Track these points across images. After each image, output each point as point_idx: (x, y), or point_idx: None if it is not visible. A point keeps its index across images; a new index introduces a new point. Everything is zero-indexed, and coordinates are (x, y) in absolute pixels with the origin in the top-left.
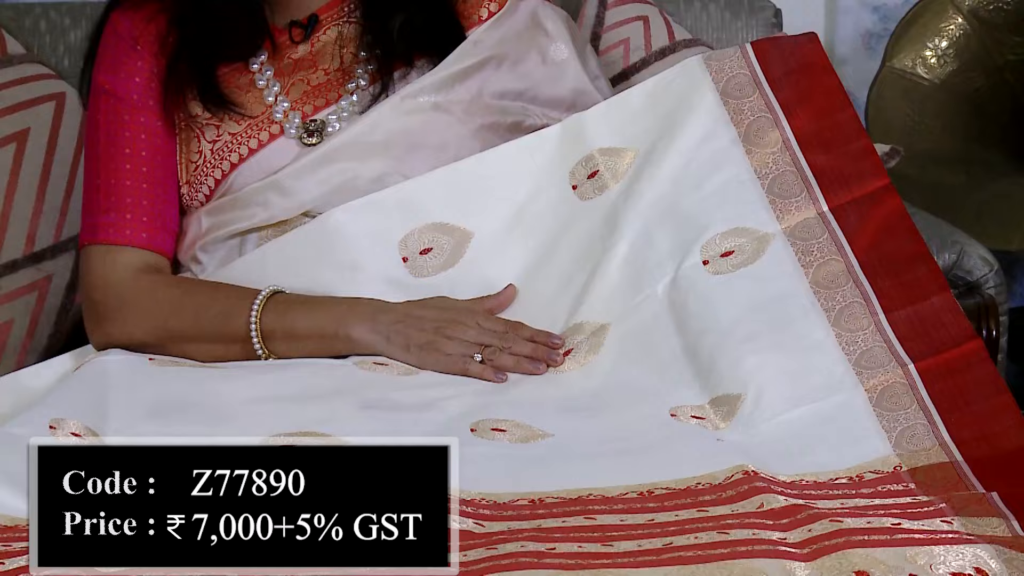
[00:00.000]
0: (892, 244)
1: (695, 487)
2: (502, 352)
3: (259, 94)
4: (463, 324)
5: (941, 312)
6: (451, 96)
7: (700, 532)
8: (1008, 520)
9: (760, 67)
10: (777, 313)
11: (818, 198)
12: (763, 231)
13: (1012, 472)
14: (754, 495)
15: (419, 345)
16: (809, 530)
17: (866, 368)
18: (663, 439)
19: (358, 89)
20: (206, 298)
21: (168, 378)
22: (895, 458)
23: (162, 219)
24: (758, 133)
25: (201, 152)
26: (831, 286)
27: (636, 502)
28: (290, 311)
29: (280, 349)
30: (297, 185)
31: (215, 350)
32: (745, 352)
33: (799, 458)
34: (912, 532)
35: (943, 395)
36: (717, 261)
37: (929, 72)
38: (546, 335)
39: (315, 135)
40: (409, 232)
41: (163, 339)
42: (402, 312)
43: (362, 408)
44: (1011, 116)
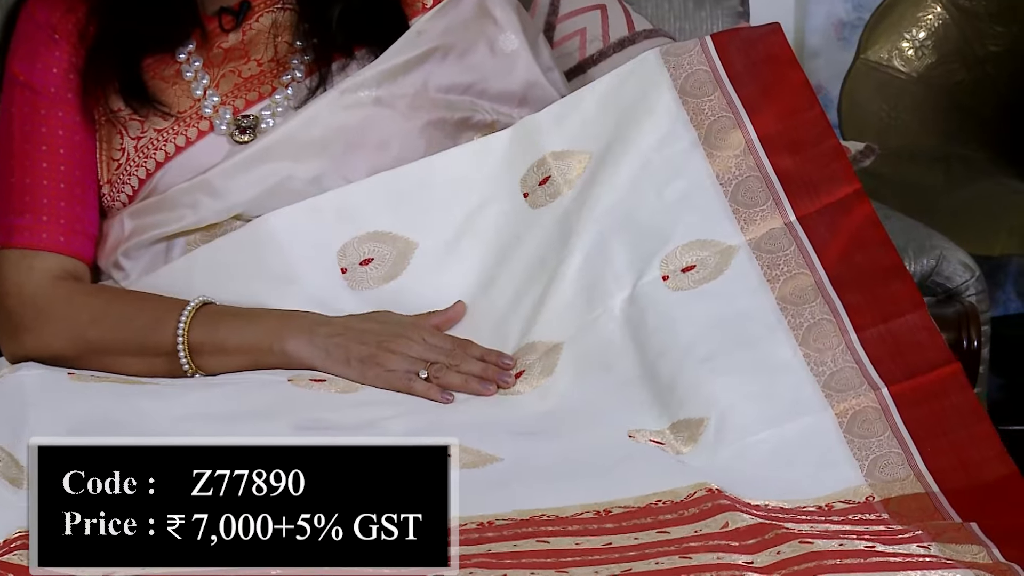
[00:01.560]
0: (864, 256)
1: (655, 505)
2: (449, 370)
3: (186, 87)
4: (407, 339)
5: (916, 331)
6: (394, 90)
7: (661, 556)
8: (989, 548)
9: (721, 62)
10: (741, 332)
11: (785, 207)
12: (726, 243)
13: (992, 503)
14: (718, 513)
15: (360, 359)
16: (778, 552)
17: (836, 391)
18: (620, 458)
19: (293, 82)
20: (130, 308)
21: (90, 395)
22: (867, 488)
23: (81, 222)
24: (719, 135)
25: (124, 150)
26: (799, 302)
27: (592, 522)
28: (221, 324)
29: (208, 364)
30: (228, 185)
31: (138, 364)
32: (707, 373)
33: (764, 485)
34: (887, 555)
35: (919, 422)
36: (678, 276)
37: (906, 65)
38: (497, 355)
39: (247, 132)
40: (348, 241)
41: (82, 351)
42: (342, 325)
43: (295, 430)
44: (993, 111)
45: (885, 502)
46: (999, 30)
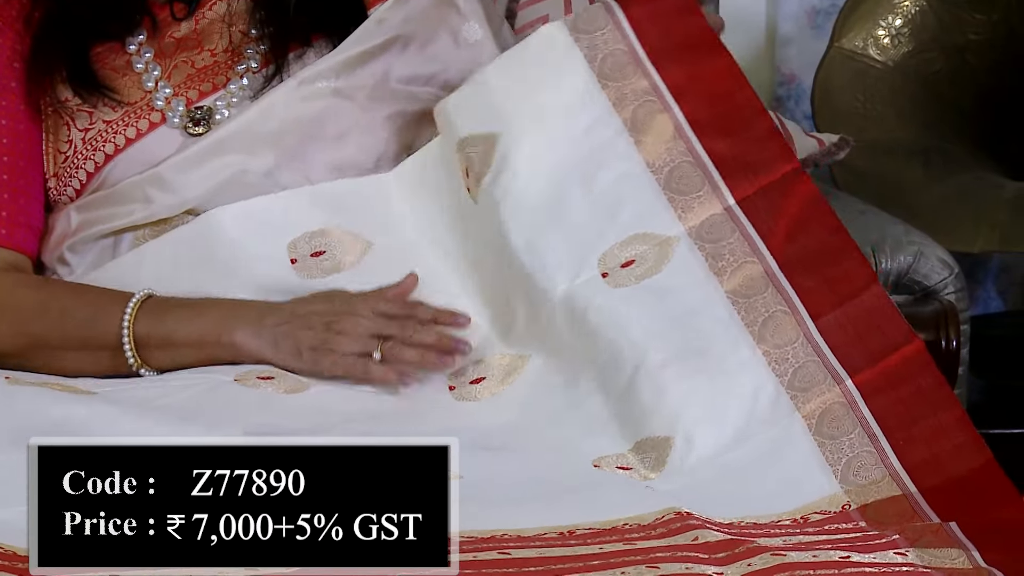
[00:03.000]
0: (811, 236)
1: (621, 527)
2: (404, 347)
3: (137, 78)
4: (355, 315)
5: (873, 311)
6: (353, 81)
7: (627, 566)
8: (968, 551)
9: (639, 41)
10: (694, 332)
11: (722, 191)
12: (665, 234)
13: (969, 500)
14: (688, 531)
15: (311, 347)
16: (749, 564)
17: (801, 390)
18: (586, 484)
19: (249, 72)
20: (73, 300)
21: (28, 398)
22: (843, 495)
23: (25, 214)
24: (646, 120)
25: (71, 142)
26: (750, 294)
27: (556, 541)
28: (167, 315)
29: (155, 359)
30: (180, 179)
31: (82, 360)
32: (666, 382)
33: (737, 503)
34: (863, 565)
35: (887, 412)
36: (617, 273)
37: (882, 53)
38: (450, 314)
39: (201, 124)
40: (300, 235)
41: (23, 347)
42: (288, 312)
43: (247, 436)
44: (973, 102)
45: (862, 509)
46: (978, 17)
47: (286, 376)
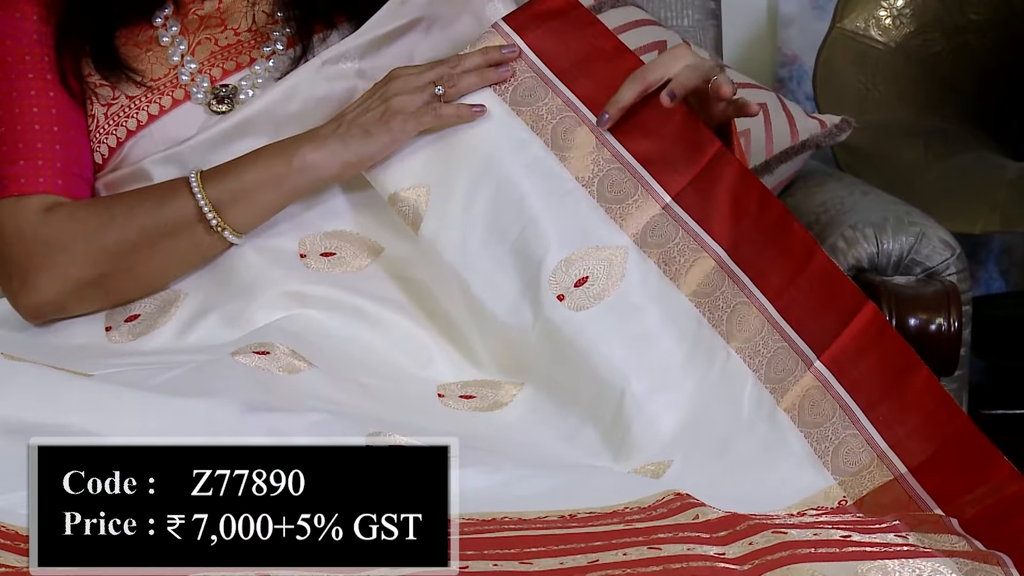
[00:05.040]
0: (748, 215)
1: (622, 510)
2: (459, 76)
3: (163, 52)
4: (401, 77)
5: (823, 280)
6: (376, 62)
7: (629, 547)
8: (969, 540)
9: (543, 63)
10: (666, 349)
11: (656, 190)
12: (610, 247)
13: (957, 471)
14: (688, 508)
15: (376, 121)
16: (750, 543)
17: (777, 382)
18: (584, 471)
19: (274, 54)
20: (133, 198)
21: (27, 375)
22: (838, 488)
23: (78, 164)
24: (565, 136)
25: (94, 116)
26: (709, 291)
27: (557, 523)
28: (229, 171)
29: (237, 215)
30: (203, 162)
31: (164, 252)
32: (654, 413)
33: (734, 505)
34: (863, 545)
35: (859, 386)
36: (573, 294)
37: (884, 34)
38: (494, 48)
39: (225, 102)
40: (309, 235)
41: (105, 265)
42: (336, 116)
43: (247, 408)
44: (974, 83)
45: (859, 503)
46: None
47: (279, 357)
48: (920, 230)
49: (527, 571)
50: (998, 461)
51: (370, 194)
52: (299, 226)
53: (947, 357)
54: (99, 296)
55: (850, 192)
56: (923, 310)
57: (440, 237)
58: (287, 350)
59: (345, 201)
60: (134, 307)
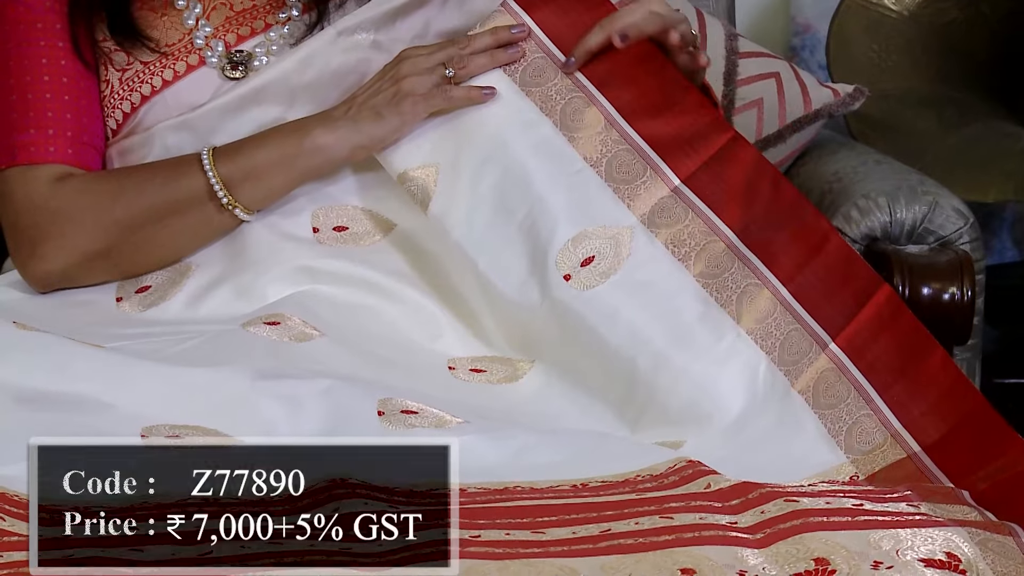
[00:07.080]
0: (762, 202)
1: (634, 479)
2: (469, 58)
3: (178, 16)
4: (411, 58)
5: (839, 263)
6: (392, 34)
7: (641, 516)
8: (982, 511)
9: (552, 42)
10: (674, 328)
11: (665, 172)
12: (617, 227)
13: (970, 450)
14: (700, 477)
15: (387, 104)
16: (762, 511)
17: (791, 364)
18: (594, 439)
19: (290, 20)
20: (144, 172)
21: (36, 343)
22: (850, 465)
23: (89, 134)
24: (574, 116)
25: (108, 81)
26: (718, 273)
27: (569, 493)
28: (241, 150)
29: (247, 193)
30: (216, 127)
31: (174, 228)
32: (664, 392)
33: (745, 476)
34: (875, 514)
35: (874, 368)
36: (580, 273)
37: (897, 3)
38: (504, 29)
39: (239, 68)
40: (322, 209)
41: (114, 236)
42: (347, 98)
43: (258, 376)
44: (988, 52)
45: (871, 479)
46: None
47: (292, 326)
48: (933, 199)
49: (539, 540)
50: (1012, 439)
51: (384, 171)
52: (313, 201)
53: (960, 326)
54: (107, 268)
55: (863, 161)
56: (936, 279)
57: (448, 216)
58: (298, 320)
59: (359, 178)
60: (145, 279)
